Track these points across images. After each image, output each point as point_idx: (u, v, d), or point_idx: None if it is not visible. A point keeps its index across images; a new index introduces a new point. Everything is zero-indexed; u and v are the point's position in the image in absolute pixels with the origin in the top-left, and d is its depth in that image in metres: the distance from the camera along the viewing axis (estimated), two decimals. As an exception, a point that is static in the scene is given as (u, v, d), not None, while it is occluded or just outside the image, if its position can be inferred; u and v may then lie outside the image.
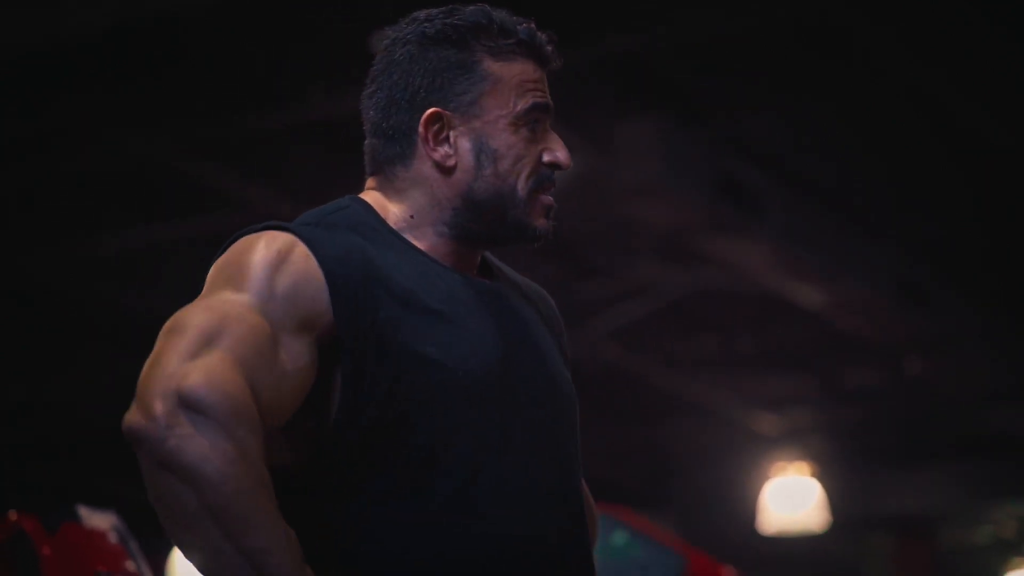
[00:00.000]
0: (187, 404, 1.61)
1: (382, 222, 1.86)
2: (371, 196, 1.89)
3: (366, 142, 1.91)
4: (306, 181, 5.91)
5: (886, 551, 10.94)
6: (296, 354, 1.72)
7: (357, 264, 1.77)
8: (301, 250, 1.76)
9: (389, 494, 1.73)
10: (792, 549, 11.22)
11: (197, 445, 1.60)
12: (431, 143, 1.85)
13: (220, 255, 1.80)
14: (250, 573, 1.61)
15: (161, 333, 1.70)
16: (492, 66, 1.86)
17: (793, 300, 6.81)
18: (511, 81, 1.86)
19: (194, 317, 1.69)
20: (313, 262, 1.75)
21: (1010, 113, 5.64)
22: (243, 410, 1.64)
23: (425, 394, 1.75)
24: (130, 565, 2.75)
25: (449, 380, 1.76)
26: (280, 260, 1.75)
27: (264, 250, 1.76)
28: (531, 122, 1.86)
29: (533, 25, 1.89)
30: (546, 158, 1.87)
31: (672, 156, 5.61)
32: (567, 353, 1.99)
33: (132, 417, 1.63)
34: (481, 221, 1.86)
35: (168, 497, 1.63)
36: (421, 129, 1.85)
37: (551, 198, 1.89)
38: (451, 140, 1.85)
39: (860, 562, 12.20)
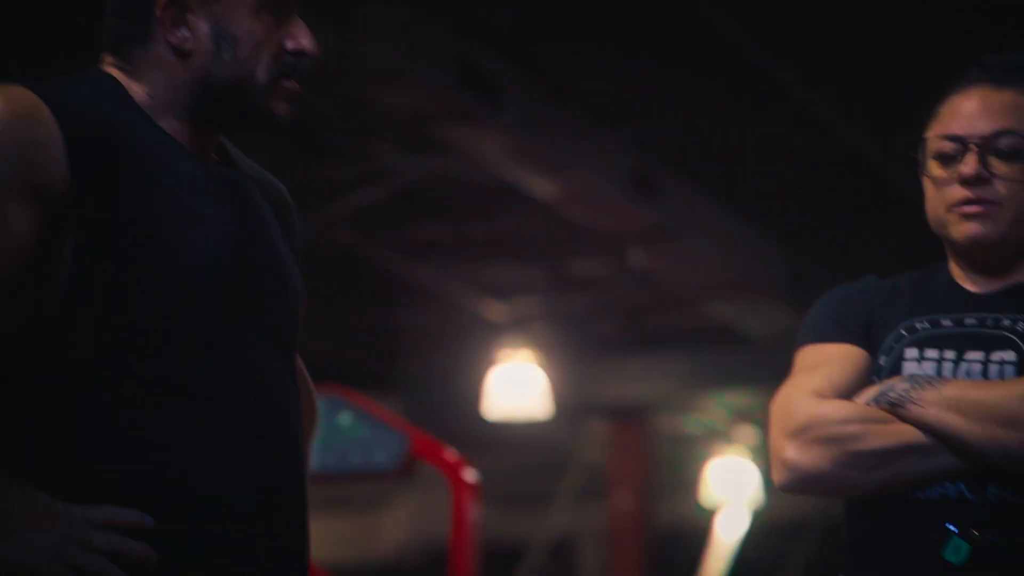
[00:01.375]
0: None
1: (128, 97, 1.82)
2: (114, 72, 1.85)
3: (106, 19, 1.86)
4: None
5: (602, 437, 11.29)
6: (21, 225, 1.68)
7: (102, 133, 1.74)
8: (41, 111, 1.72)
9: (111, 378, 1.72)
10: (514, 434, 11.48)
11: None
12: (168, 25, 1.81)
13: None
14: None
15: None
16: None
17: (525, 190, 6.93)
18: None
19: None
20: (54, 126, 1.71)
21: (741, 8, 5.78)
22: None
23: (154, 276, 1.73)
24: None
25: (179, 265, 1.75)
26: (16, 120, 1.70)
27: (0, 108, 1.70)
28: (274, 8, 1.84)
29: None
30: (289, 45, 1.85)
31: (414, 42, 5.62)
32: (298, 246, 1.99)
33: None
34: (219, 106, 1.84)
35: None
36: (158, 11, 1.81)
37: (295, 84, 1.87)
38: (189, 24, 1.81)
39: (578, 447, 12.56)
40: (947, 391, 2.01)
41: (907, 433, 2.02)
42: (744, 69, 6.11)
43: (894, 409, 2.03)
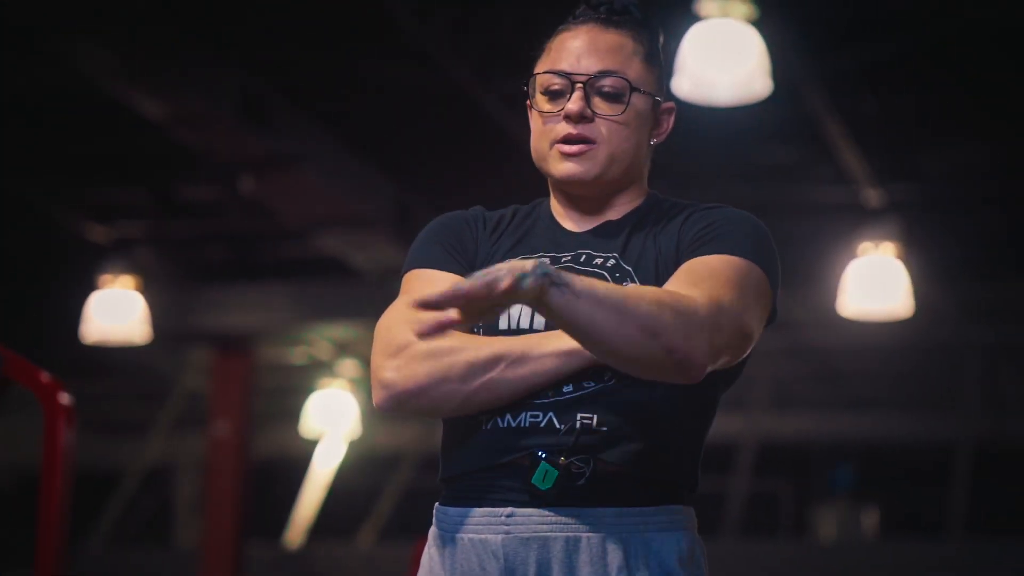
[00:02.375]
0: None
1: None
2: None
3: None
4: None
5: (205, 365, 11.19)
6: None
7: None
8: None
9: None
10: (114, 360, 11.26)
11: None
12: None
13: None
14: None
15: None
16: None
17: (133, 108, 6.75)
18: None
19: None
20: None
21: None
22: None
23: None
24: None
25: None
26: None
27: None
28: None
29: None
30: None
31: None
32: None
33: None
34: None
35: None
36: None
37: None
38: None
39: (178, 375, 12.42)
40: (599, 286, 1.98)
41: (498, 344, 2.09)
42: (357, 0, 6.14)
43: (551, 285, 1.92)
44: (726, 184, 8.35)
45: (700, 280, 2.09)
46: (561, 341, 2.08)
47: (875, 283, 8.18)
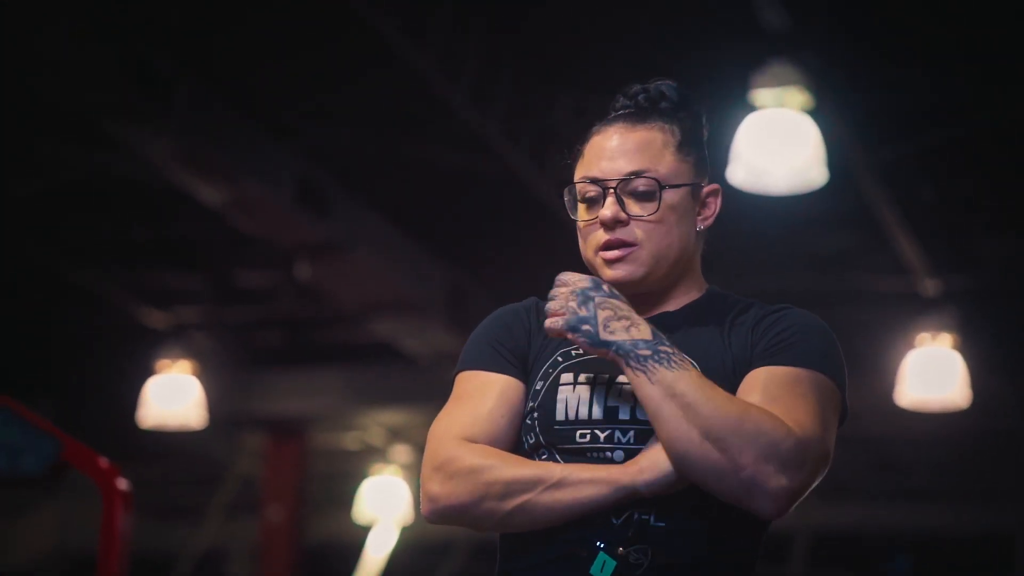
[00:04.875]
0: None
1: None
2: None
3: None
4: None
5: (258, 450, 11.20)
6: None
7: None
8: None
9: None
10: (169, 444, 11.29)
11: None
12: None
13: None
14: None
15: None
16: None
17: (191, 195, 6.83)
18: None
19: None
20: None
21: (415, 26, 5.84)
22: None
23: None
24: None
25: None
26: None
27: None
28: None
29: None
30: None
31: (82, 32, 5.48)
32: None
33: None
34: None
35: None
36: None
37: None
38: None
39: (233, 458, 12.45)
40: (682, 378, 2.03)
41: (539, 467, 2.09)
42: (414, 86, 6.19)
43: (642, 364, 2.04)
44: (781, 273, 8.33)
45: (777, 397, 2.08)
46: (601, 470, 2.08)
47: (932, 373, 8.14)
